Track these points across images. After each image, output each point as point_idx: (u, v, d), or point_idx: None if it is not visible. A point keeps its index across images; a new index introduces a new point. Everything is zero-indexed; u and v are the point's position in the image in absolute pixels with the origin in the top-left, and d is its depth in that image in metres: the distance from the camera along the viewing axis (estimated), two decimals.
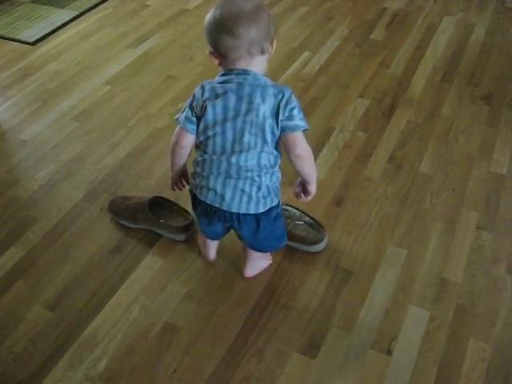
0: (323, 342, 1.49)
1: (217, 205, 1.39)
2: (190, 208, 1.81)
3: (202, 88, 1.35)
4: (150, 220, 1.78)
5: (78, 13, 2.96)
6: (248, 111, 1.29)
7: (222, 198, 1.37)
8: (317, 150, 2.11)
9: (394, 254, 1.73)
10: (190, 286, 1.65)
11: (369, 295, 1.62)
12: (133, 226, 1.82)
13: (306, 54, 2.67)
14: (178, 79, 2.52)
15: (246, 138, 1.31)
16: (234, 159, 1.33)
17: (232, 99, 1.30)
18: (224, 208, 1.39)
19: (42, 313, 1.58)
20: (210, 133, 1.34)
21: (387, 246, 1.76)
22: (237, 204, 1.37)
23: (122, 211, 1.84)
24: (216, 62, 1.35)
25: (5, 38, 2.81)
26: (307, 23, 2.94)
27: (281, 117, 1.29)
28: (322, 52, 2.67)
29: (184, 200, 1.89)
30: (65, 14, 2.95)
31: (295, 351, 1.48)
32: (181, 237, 1.78)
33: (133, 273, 1.69)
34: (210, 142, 1.35)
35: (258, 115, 1.29)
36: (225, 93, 1.30)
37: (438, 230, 1.80)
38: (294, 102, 1.30)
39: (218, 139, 1.33)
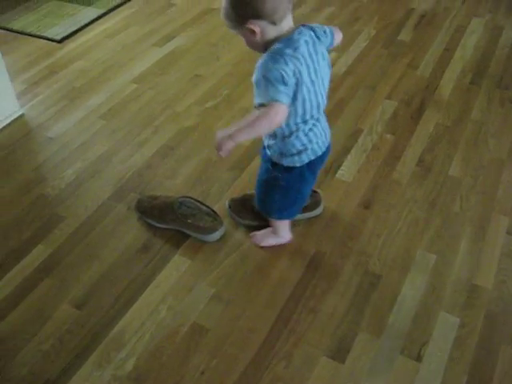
0: (352, 347, 1.48)
1: (326, 144, 1.55)
2: (217, 208, 1.83)
3: (281, 61, 1.29)
4: (177, 220, 1.78)
5: (104, 11, 2.96)
6: (323, 63, 1.38)
7: (326, 135, 1.53)
8: (345, 152, 2.09)
9: (423, 258, 1.71)
10: (217, 288, 1.64)
11: (398, 300, 1.60)
12: (160, 225, 1.82)
13: (332, 54, 2.64)
14: (205, 78, 2.51)
15: (326, 85, 1.44)
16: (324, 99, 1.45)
17: (313, 56, 1.35)
18: (326, 145, 1.55)
19: (70, 311, 1.58)
20: (307, 95, 1.36)
21: (417, 251, 1.74)
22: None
23: (150, 210, 1.84)
24: (256, 34, 1.30)
25: (32, 36, 2.82)
26: (334, 24, 2.91)
27: None
28: (349, 53, 2.64)
29: (212, 200, 1.89)
30: (91, 12, 2.95)
31: (323, 355, 1.46)
32: (208, 237, 1.77)
33: (160, 273, 1.69)
34: (307, 104, 1.38)
35: (329, 64, 1.43)
36: (302, 52, 1.32)
37: (467, 235, 1.78)
38: None
39: (313, 97, 1.39)
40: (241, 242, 1.78)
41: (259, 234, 1.78)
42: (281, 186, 1.58)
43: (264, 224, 1.77)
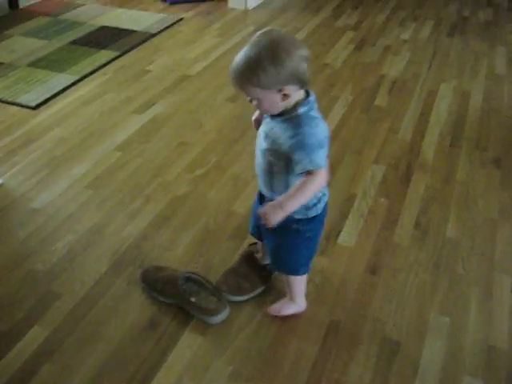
0: None
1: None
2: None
3: (319, 125, 1.33)
4: (180, 296, 1.69)
5: (77, 77, 2.90)
6: None
7: None
8: (342, 218, 2.09)
9: (437, 322, 1.70)
10: (234, 365, 1.56)
11: (420, 366, 1.57)
12: (163, 299, 1.73)
13: None
14: (190, 146, 2.47)
15: None
16: None
17: None
18: None
19: None
20: None
21: (430, 314, 1.72)
22: None
23: (153, 283, 1.74)
24: (286, 98, 1.30)
25: (4, 102, 2.71)
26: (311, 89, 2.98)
27: None
28: (330, 118, 2.69)
29: (215, 273, 1.83)
30: (64, 79, 2.89)
31: None
32: (210, 320, 1.67)
33: (172, 352, 1.58)
34: None
35: None
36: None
37: (475, 296, 1.79)
38: None
39: None
40: (252, 314, 1.71)
41: (276, 305, 1.72)
42: (306, 239, 1.55)
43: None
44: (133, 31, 3.45)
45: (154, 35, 3.43)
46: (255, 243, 1.85)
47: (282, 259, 1.63)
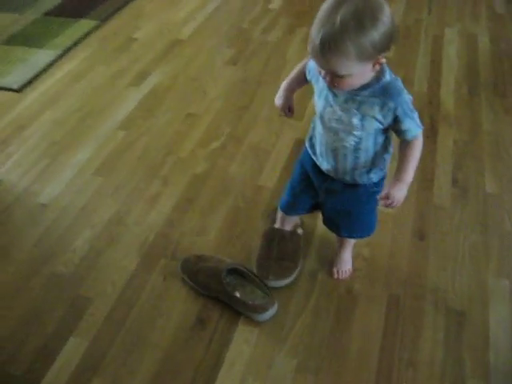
0: None
1: None
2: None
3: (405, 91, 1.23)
4: (223, 291, 1.54)
5: (60, 52, 2.63)
6: None
7: None
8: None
9: (497, 285, 1.62)
10: (299, 357, 1.44)
11: (491, 336, 1.49)
12: (204, 292, 1.58)
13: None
14: (198, 117, 2.28)
15: None
16: None
17: None
18: None
19: None
20: None
21: (488, 278, 1.64)
22: None
23: (194, 274, 1.60)
24: (378, 67, 1.14)
25: None
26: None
27: None
28: None
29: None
30: (45, 55, 2.61)
31: None
32: (257, 317, 1.52)
33: (228, 350, 1.46)
34: None
35: None
36: None
37: None
38: None
39: None
40: (304, 297, 1.59)
41: (344, 267, 1.64)
42: (376, 199, 1.42)
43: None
44: None
45: None
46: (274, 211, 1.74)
47: (362, 225, 1.55)
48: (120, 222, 1.82)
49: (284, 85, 1.43)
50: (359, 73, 1.11)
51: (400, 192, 1.28)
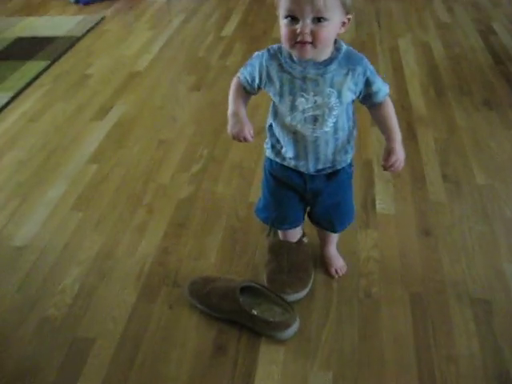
0: None
1: None
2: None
3: None
4: (239, 311, 1.42)
5: (12, 94, 2.47)
6: None
7: None
8: (370, 185, 1.91)
9: None
10: (333, 369, 1.33)
11: None
12: (218, 315, 1.45)
13: None
14: (172, 143, 2.17)
15: None
16: None
17: None
18: None
19: None
20: None
21: (502, 265, 1.60)
22: None
23: (205, 297, 1.47)
24: (344, 28, 1.18)
25: None
26: None
27: None
28: None
29: (263, 273, 1.57)
30: None
31: None
32: (280, 335, 1.40)
33: (256, 374, 1.33)
34: None
35: None
36: None
37: None
38: None
39: None
40: (326, 308, 1.48)
41: (339, 263, 1.60)
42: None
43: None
44: (55, 37, 3.04)
45: (79, 38, 3.05)
46: (268, 233, 1.63)
47: (350, 212, 1.52)
48: (109, 256, 1.67)
49: (232, 110, 1.30)
50: (335, 23, 1.13)
51: (401, 152, 1.28)
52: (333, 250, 1.61)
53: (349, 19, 1.16)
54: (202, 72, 2.71)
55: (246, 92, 1.31)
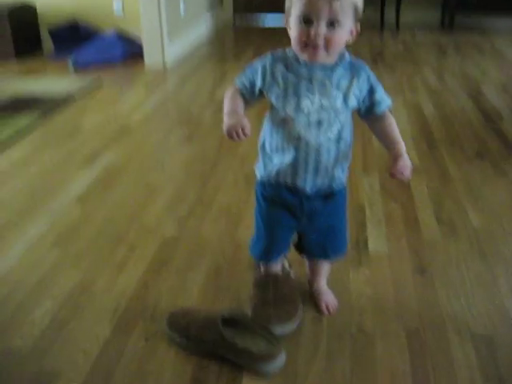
0: None
1: None
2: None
3: None
4: (221, 341, 1.31)
5: (2, 140, 2.45)
6: None
7: None
8: (362, 227, 1.85)
9: None
10: None
11: None
12: (198, 348, 1.33)
13: None
14: (159, 187, 2.13)
15: None
16: None
17: None
18: None
19: None
20: None
21: (504, 301, 1.51)
22: None
23: (184, 328, 1.36)
24: (352, 36, 1.21)
25: None
26: None
27: None
28: None
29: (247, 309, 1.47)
30: None
31: None
32: (264, 368, 1.28)
33: None
34: None
35: None
36: None
37: None
38: None
39: None
40: (314, 343, 1.37)
41: (330, 299, 1.50)
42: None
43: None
44: (50, 96, 3.07)
45: (74, 97, 3.07)
46: (256, 267, 1.55)
47: (343, 238, 1.46)
48: (85, 291, 1.56)
49: (229, 109, 1.23)
50: (347, 29, 1.16)
51: (408, 161, 1.28)
52: (323, 284, 1.52)
53: (357, 29, 1.19)
54: (194, 126, 2.71)
55: (244, 99, 1.27)
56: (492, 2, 4.60)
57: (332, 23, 1.12)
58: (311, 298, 1.51)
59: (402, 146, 1.27)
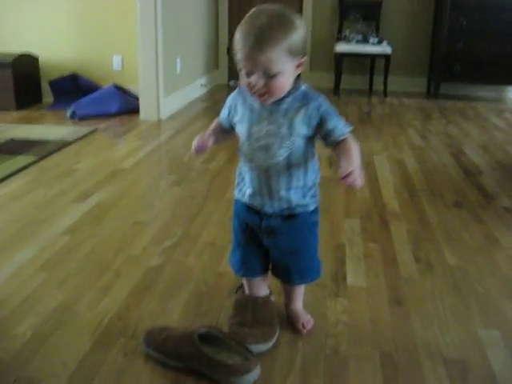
0: None
1: None
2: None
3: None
4: (200, 357, 1.34)
5: None
6: None
7: None
8: (341, 263, 1.91)
9: (488, 335, 1.54)
10: None
11: (498, 377, 1.37)
12: (175, 364, 1.36)
13: None
14: (148, 223, 2.19)
15: None
16: None
17: None
18: None
19: None
20: None
21: (477, 330, 1.56)
22: None
23: (161, 344, 1.39)
24: (298, 70, 1.29)
25: None
26: None
27: None
28: None
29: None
30: None
31: None
32: (238, 380, 1.31)
33: None
34: None
35: None
36: None
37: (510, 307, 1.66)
38: None
39: None
40: (290, 361, 1.40)
41: (306, 318, 1.54)
42: (317, 229, 1.50)
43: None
44: (47, 141, 3.18)
45: (70, 143, 3.18)
46: (240, 286, 1.61)
47: (312, 264, 1.50)
48: (68, 310, 1.60)
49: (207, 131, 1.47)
50: (288, 71, 1.23)
51: (359, 165, 1.21)
52: (299, 306, 1.56)
53: (301, 63, 1.26)
54: (184, 173, 2.80)
55: (223, 127, 1.44)
56: (476, 72, 4.83)
57: (270, 73, 1.20)
58: (288, 320, 1.55)
59: (354, 156, 1.23)
